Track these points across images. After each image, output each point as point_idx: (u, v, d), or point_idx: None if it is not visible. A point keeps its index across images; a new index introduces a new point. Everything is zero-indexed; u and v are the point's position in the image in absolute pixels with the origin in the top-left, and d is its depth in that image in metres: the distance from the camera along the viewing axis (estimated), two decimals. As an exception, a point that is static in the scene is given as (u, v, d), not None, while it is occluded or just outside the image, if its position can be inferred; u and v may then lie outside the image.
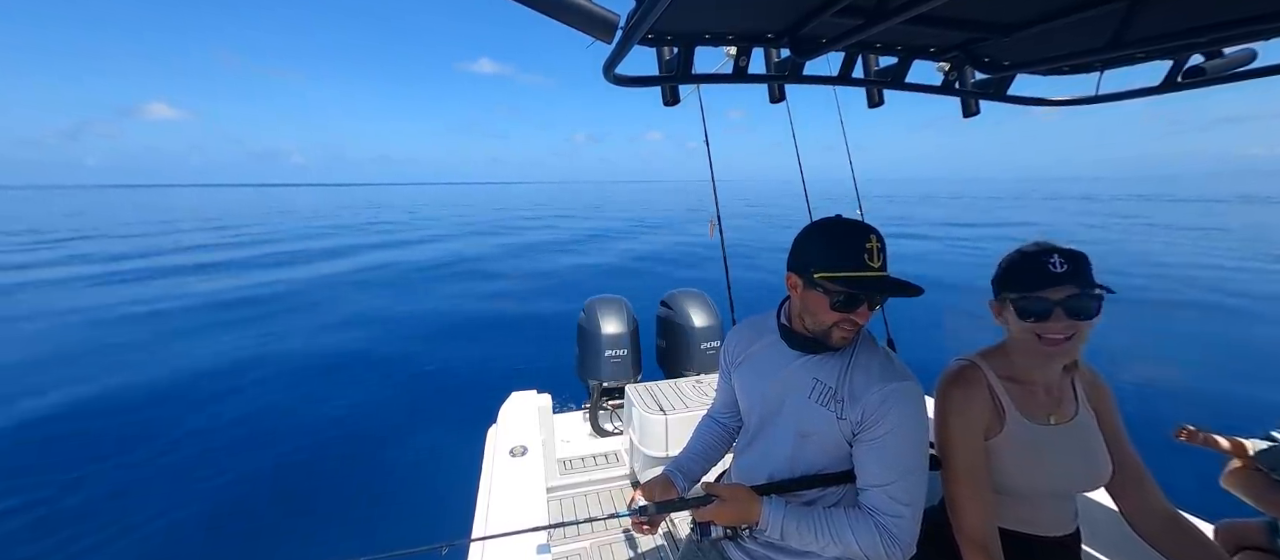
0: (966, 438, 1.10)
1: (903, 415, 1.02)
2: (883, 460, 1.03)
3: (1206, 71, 1.24)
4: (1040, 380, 1.13)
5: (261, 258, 20.39)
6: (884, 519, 1.01)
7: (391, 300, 13.02)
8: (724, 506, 1.08)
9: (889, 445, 1.02)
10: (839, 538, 1.02)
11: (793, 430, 1.14)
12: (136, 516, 4.45)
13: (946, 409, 1.14)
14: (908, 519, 1.01)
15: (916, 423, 1.03)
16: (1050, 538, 1.16)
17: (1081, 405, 1.15)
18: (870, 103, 1.59)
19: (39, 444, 5.72)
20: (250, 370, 7.96)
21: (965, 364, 1.19)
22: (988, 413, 1.12)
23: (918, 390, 1.06)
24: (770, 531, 1.06)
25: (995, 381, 1.13)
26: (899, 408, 1.02)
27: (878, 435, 1.03)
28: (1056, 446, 1.11)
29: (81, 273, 16.78)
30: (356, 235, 29.16)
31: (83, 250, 22.65)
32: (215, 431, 6.03)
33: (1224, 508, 1.60)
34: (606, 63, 1.09)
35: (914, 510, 1.01)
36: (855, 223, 1.07)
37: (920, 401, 1.05)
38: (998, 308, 1.13)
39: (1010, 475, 1.11)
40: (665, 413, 2.62)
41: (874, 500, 1.03)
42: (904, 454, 1.02)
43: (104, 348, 9.02)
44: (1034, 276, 1.03)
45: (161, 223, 37.95)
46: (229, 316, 11.29)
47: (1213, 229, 26.61)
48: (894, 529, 1.00)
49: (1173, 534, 1.11)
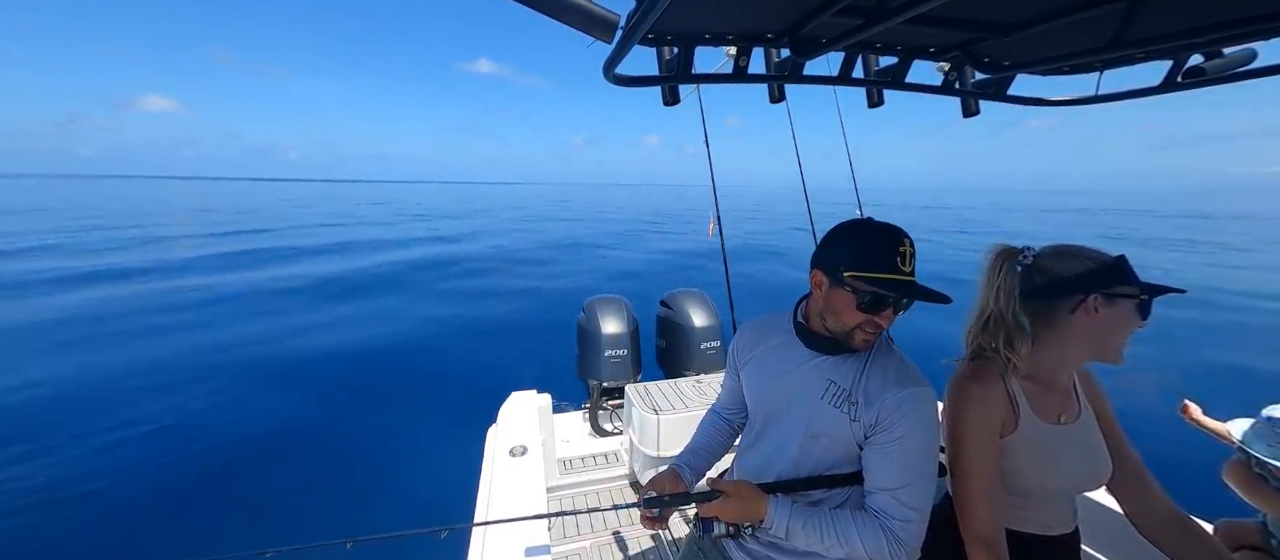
0: (982, 436, 1.08)
1: (917, 420, 1.02)
2: (895, 465, 1.02)
3: (1206, 71, 1.24)
4: (1056, 379, 1.11)
5: (246, 253, 20.36)
6: (892, 523, 1.01)
7: (391, 300, 13.02)
8: (730, 503, 1.08)
9: (902, 450, 1.02)
10: (845, 539, 1.02)
11: (801, 430, 1.14)
12: (135, 515, 4.45)
13: (963, 406, 1.10)
14: (915, 524, 1.00)
15: (930, 429, 1.03)
16: (1052, 537, 1.16)
17: (1082, 404, 1.14)
18: (870, 103, 1.59)
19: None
20: (248, 371, 7.96)
21: (981, 361, 1.15)
22: (1003, 411, 1.09)
23: (933, 396, 1.06)
24: (776, 530, 1.06)
25: (1011, 378, 1.11)
26: (914, 412, 1.02)
27: (891, 439, 1.03)
28: (1066, 446, 1.10)
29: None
30: (355, 232, 29.15)
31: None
32: (215, 431, 6.02)
33: (1225, 507, 1.61)
34: (606, 62, 1.09)
35: (922, 516, 1.01)
36: (888, 226, 1.06)
37: (934, 408, 1.05)
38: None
39: (1022, 475, 1.10)
40: (665, 413, 2.62)
41: (882, 504, 1.02)
42: (916, 459, 1.02)
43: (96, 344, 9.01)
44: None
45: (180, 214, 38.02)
46: (224, 316, 11.29)
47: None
48: (902, 534, 1.00)
49: (1176, 533, 1.11)
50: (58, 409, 6.47)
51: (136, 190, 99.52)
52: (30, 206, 45.65)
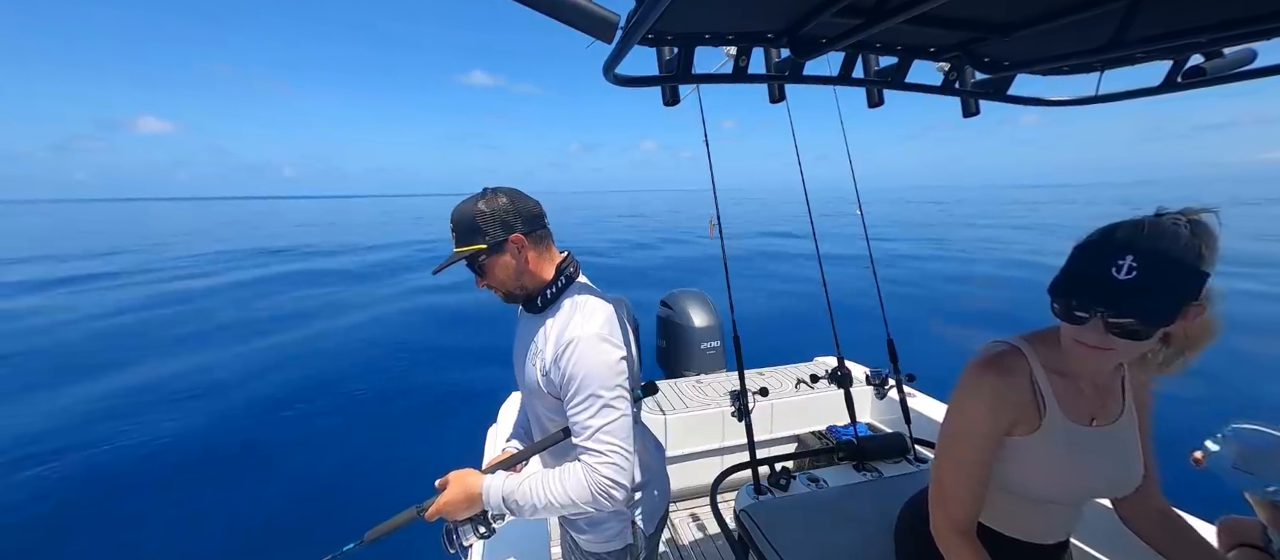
0: (984, 431, 0.97)
1: (581, 360, 1.04)
2: (580, 410, 1.05)
3: (1206, 71, 1.24)
4: (1089, 374, 0.98)
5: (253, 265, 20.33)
6: (591, 461, 1.04)
7: (391, 300, 13.02)
8: (448, 495, 1.09)
9: (579, 394, 1.04)
10: (550, 492, 1.05)
11: (527, 392, 1.20)
12: (139, 530, 4.45)
13: (974, 393, 0.99)
14: (610, 456, 1.03)
15: (596, 365, 1.04)
16: (1039, 544, 1.07)
17: (1128, 403, 1.01)
18: (870, 102, 1.59)
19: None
20: (245, 372, 7.95)
21: (1006, 348, 1.01)
22: (1024, 407, 0.96)
23: (595, 333, 1.07)
24: (491, 502, 1.07)
25: (1039, 372, 0.97)
26: (576, 356, 1.04)
27: (570, 388, 1.05)
28: (1094, 451, 0.97)
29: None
30: (353, 236, 29.11)
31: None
32: (211, 432, 6.02)
33: (1227, 506, 1.60)
34: (606, 63, 1.09)
35: (618, 448, 1.04)
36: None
37: (598, 344, 1.06)
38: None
39: (1033, 479, 0.99)
40: (665, 413, 2.62)
41: (581, 446, 1.06)
42: (593, 396, 1.04)
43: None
44: (1089, 278, 0.83)
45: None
46: (220, 318, 11.29)
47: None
48: (604, 470, 1.03)
49: (1169, 532, 1.07)
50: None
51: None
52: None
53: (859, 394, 2.26)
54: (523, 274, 1.16)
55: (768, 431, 2.84)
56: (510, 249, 1.13)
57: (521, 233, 1.13)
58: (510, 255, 1.13)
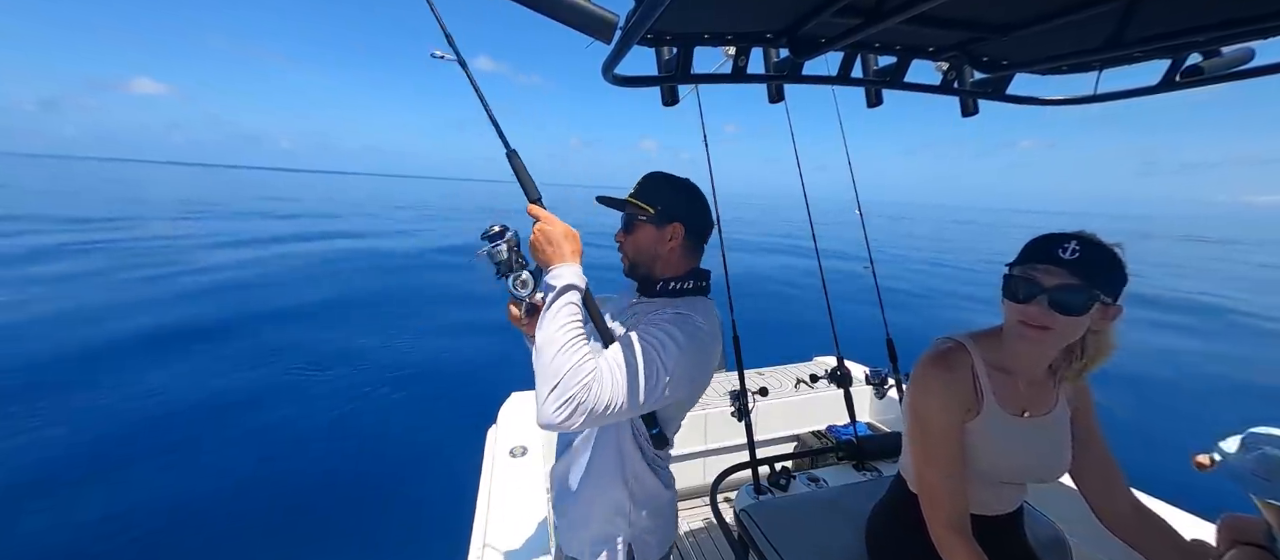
0: (946, 423, 1.08)
1: (676, 338, 1.06)
2: (642, 353, 1.05)
3: (1205, 71, 1.24)
4: (1025, 372, 1.10)
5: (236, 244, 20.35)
6: (604, 376, 0.99)
7: (391, 300, 13.01)
8: (555, 226, 1.12)
9: (654, 350, 1.03)
10: (565, 340, 0.99)
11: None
12: (131, 519, 4.45)
13: (925, 389, 1.10)
14: (608, 393, 0.97)
15: (683, 355, 1.05)
16: (990, 516, 1.17)
17: (1059, 399, 1.12)
18: (869, 102, 1.59)
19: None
20: (240, 374, 7.94)
21: (951, 345, 1.14)
22: (967, 397, 1.09)
23: (702, 326, 1.11)
24: (559, 275, 1.07)
25: (981, 367, 1.09)
26: (679, 332, 1.07)
27: (649, 339, 1.07)
28: (1025, 439, 1.10)
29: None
30: (351, 223, 29.11)
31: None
32: (210, 431, 6.01)
33: (1228, 503, 1.60)
34: (606, 63, 1.09)
35: (617, 399, 0.98)
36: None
37: (701, 345, 1.09)
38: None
39: (975, 459, 1.10)
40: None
41: (610, 358, 1.02)
42: (661, 365, 1.03)
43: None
44: (1038, 255, 0.99)
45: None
46: (214, 317, 11.27)
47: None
48: (595, 389, 0.96)
49: (1139, 526, 1.12)
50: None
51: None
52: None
53: (858, 394, 2.26)
54: (659, 258, 1.20)
55: (767, 431, 2.84)
56: (667, 230, 1.18)
57: (683, 226, 1.18)
58: (663, 234, 1.18)
